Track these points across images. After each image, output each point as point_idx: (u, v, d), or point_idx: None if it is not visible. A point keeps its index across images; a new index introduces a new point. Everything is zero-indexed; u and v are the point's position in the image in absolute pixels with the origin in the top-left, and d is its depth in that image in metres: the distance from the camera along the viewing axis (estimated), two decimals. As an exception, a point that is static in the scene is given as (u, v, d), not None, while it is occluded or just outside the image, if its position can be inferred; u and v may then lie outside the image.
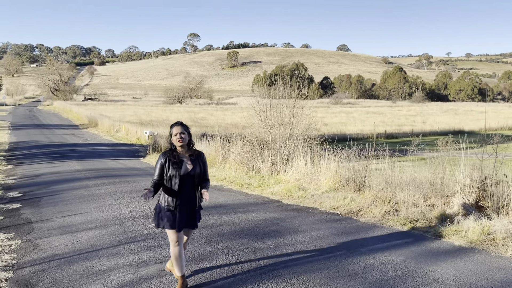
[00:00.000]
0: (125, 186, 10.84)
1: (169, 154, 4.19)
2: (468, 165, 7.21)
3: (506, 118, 55.98)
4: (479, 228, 5.62)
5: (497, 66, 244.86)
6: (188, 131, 4.25)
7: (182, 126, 4.22)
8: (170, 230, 4.16)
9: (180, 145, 4.18)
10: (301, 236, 5.97)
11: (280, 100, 12.60)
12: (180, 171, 4.12)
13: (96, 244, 5.77)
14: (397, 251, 5.24)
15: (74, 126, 37.72)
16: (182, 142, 4.17)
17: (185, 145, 4.23)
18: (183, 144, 4.18)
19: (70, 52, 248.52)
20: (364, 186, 8.71)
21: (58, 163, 15.92)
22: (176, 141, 4.17)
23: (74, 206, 8.38)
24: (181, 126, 4.21)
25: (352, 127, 41.69)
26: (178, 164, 4.14)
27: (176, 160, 4.14)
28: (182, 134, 4.17)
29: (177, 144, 4.18)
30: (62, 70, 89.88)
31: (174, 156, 4.16)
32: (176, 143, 4.18)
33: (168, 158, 4.16)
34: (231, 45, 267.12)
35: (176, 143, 4.18)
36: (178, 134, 4.16)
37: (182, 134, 4.17)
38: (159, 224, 4.19)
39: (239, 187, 10.62)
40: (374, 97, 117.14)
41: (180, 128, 4.19)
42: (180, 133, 4.17)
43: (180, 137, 4.15)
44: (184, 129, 4.21)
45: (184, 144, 4.20)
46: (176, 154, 4.19)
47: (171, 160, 4.14)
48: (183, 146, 4.20)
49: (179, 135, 4.15)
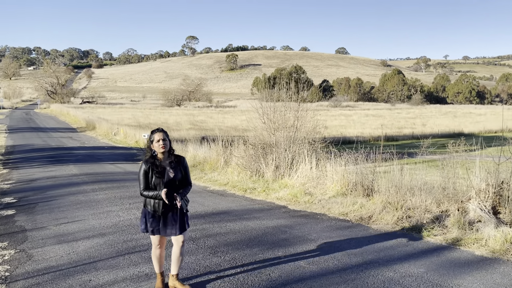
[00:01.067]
0: (124, 191, 10.48)
1: (151, 162, 4.14)
2: (482, 169, 6.88)
3: (506, 120, 55.83)
4: (501, 236, 5.28)
5: (494, 69, 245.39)
6: (168, 138, 4.21)
7: (164, 132, 4.18)
8: (153, 236, 4.23)
9: (162, 152, 4.15)
10: (312, 245, 5.62)
11: (283, 103, 12.28)
12: (163, 179, 4.10)
13: (93, 255, 5.41)
14: (417, 262, 4.90)
15: (72, 129, 37.32)
16: (165, 149, 4.13)
17: (166, 152, 4.19)
18: (165, 150, 4.15)
19: (68, 55, 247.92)
20: (373, 191, 8.38)
21: (54, 167, 15.55)
22: (159, 148, 4.12)
23: (71, 212, 8.03)
24: (163, 133, 4.16)
25: (352, 130, 41.40)
26: (161, 173, 4.11)
27: (158, 169, 4.12)
28: (164, 140, 4.13)
29: (159, 150, 4.14)
30: (59, 73, 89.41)
31: (156, 165, 4.13)
32: (158, 150, 4.14)
33: (150, 166, 4.13)
34: (230, 48, 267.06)
35: (159, 149, 4.13)
36: (161, 141, 4.12)
37: (164, 141, 4.13)
38: (144, 230, 4.22)
39: (243, 192, 10.27)
40: (373, 100, 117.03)
41: (162, 134, 4.14)
42: (162, 139, 4.12)
43: (163, 144, 4.12)
44: (166, 136, 4.18)
45: (165, 151, 4.16)
46: (157, 162, 4.16)
47: (154, 169, 4.11)
48: (164, 152, 4.17)
49: (162, 142, 4.12)
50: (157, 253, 4.30)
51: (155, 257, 4.32)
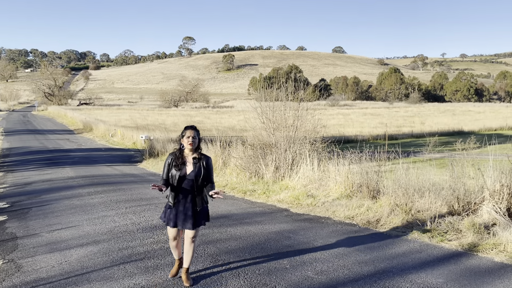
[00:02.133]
0: (121, 194, 10.15)
1: (175, 154, 4.39)
2: (496, 168, 6.57)
3: (505, 118, 55.65)
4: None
5: (491, 67, 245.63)
6: (199, 136, 4.44)
7: (195, 130, 4.42)
8: (166, 225, 4.42)
9: (190, 148, 4.36)
10: (319, 253, 5.29)
11: (282, 102, 11.95)
12: (180, 173, 4.30)
13: (87, 265, 5.07)
14: (434, 271, 4.56)
15: (69, 131, 36.93)
16: (192, 146, 4.35)
17: (193, 149, 4.38)
18: (192, 147, 4.35)
19: (65, 57, 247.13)
20: (379, 193, 8.06)
21: (50, 169, 15.21)
22: (187, 144, 4.35)
23: (65, 218, 7.69)
24: (194, 130, 4.40)
25: (351, 129, 41.10)
26: (179, 166, 4.32)
27: (178, 162, 4.33)
28: (193, 138, 4.35)
29: (187, 146, 4.36)
30: (57, 75, 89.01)
31: (178, 158, 4.35)
32: (187, 145, 4.36)
33: (173, 158, 4.37)
34: (226, 48, 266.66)
35: (187, 145, 4.35)
36: (191, 138, 4.34)
37: (193, 138, 4.35)
38: (161, 218, 4.48)
39: (242, 194, 9.95)
40: (370, 98, 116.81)
41: (193, 132, 4.38)
42: (192, 136, 4.35)
43: (191, 140, 4.34)
44: (196, 134, 4.40)
45: (193, 148, 4.36)
46: (181, 156, 4.37)
47: (175, 161, 4.34)
48: (191, 149, 4.36)
49: (191, 138, 4.34)
50: (173, 244, 4.54)
51: (172, 247, 4.58)
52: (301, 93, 12.30)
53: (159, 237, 6.20)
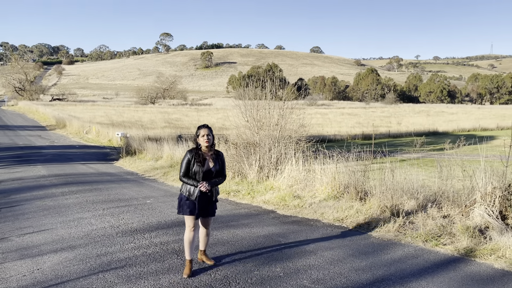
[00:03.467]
0: (97, 194, 9.66)
1: (195, 152, 4.64)
2: (487, 170, 6.44)
3: (477, 119, 57.09)
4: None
5: (463, 69, 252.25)
6: (212, 134, 4.71)
7: (209, 128, 4.69)
8: (189, 216, 4.63)
9: (206, 146, 4.63)
10: (312, 258, 5.01)
11: (267, 101, 11.67)
12: (203, 168, 4.60)
13: (61, 274, 4.65)
14: (434, 279, 4.34)
15: (41, 127, 35.69)
16: (208, 143, 4.63)
17: (210, 145, 4.66)
18: (209, 144, 4.63)
19: (37, 51, 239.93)
20: (367, 194, 7.87)
21: (21, 167, 14.50)
22: (204, 142, 4.62)
23: (37, 220, 7.19)
24: (208, 129, 4.67)
25: (329, 128, 41.26)
26: (202, 162, 4.61)
27: (200, 159, 4.61)
28: (208, 136, 4.63)
29: (203, 144, 4.63)
30: (28, 69, 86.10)
31: (199, 155, 4.63)
32: (203, 143, 4.63)
33: (193, 156, 4.61)
34: (204, 45, 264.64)
35: (203, 143, 4.62)
36: (206, 136, 4.61)
37: (208, 136, 4.63)
38: (180, 212, 4.67)
39: (226, 194, 9.61)
40: (347, 98, 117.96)
41: (207, 130, 4.66)
42: (207, 134, 4.62)
43: (207, 138, 4.61)
44: (210, 132, 4.67)
45: (209, 145, 4.64)
46: (201, 153, 4.65)
47: (196, 158, 4.60)
48: (207, 146, 4.64)
49: (206, 137, 4.62)
50: (191, 237, 4.64)
51: (188, 241, 4.65)
52: (281, 92, 12.07)
53: (140, 241, 5.81)
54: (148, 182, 12.11)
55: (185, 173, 4.61)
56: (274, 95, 11.84)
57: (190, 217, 4.63)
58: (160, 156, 16.37)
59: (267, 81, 11.86)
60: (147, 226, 6.70)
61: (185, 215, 4.64)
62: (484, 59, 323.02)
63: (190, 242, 4.65)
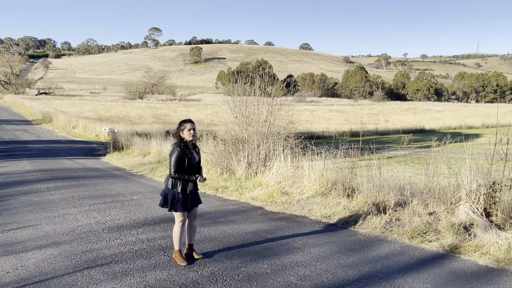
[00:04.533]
0: (83, 190, 9.55)
1: (185, 146, 4.65)
2: (472, 168, 6.52)
3: (463, 117, 57.87)
4: (505, 243, 4.86)
5: (450, 68, 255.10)
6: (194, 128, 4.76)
7: (193, 123, 4.75)
8: (182, 212, 4.67)
9: (191, 140, 4.68)
10: (299, 255, 5.02)
11: (256, 97, 11.64)
12: (194, 162, 4.70)
13: (46, 271, 4.59)
14: (419, 275, 4.38)
15: (26, 122, 35.16)
16: (194, 137, 4.69)
17: (195, 140, 4.76)
18: (194, 139, 4.70)
19: (23, 44, 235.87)
20: (354, 191, 7.91)
21: (6, 162, 14.26)
22: (189, 136, 4.66)
23: (21, 216, 7.08)
24: (192, 123, 4.73)
25: (318, 125, 41.40)
26: (192, 156, 4.67)
27: (188, 152, 4.64)
28: (194, 130, 4.70)
29: (189, 138, 4.67)
30: (14, 62, 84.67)
31: (189, 149, 4.66)
32: (189, 138, 4.67)
33: (184, 151, 4.62)
34: (194, 41, 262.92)
35: (189, 137, 4.67)
36: (192, 130, 4.67)
37: (194, 130, 4.69)
38: (171, 209, 4.66)
39: (214, 191, 9.59)
40: (336, 95, 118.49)
41: (192, 124, 4.72)
42: (193, 129, 4.69)
43: (193, 133, 4.68)
44: (194, 126, 4.72)
45: (195, 139, 4.73)
46: (189, 147, 4.67)
47: (187, 153, 4.62)
48: (192, 140, 4.69)
49: (192, 131, 4.67)
50: (180, 230, 4.71)
51: (178, 234, 4.71)
52: (271, 88, 12.05)
53: (127, 238, 5.76)
54: (135, 178, 12.01)
55: (177, 169, 4.58)
56: (263, 92, 11.84)
57: (183, 213, 4.68)
58: (148, 152, 16.26)
59: (256, 77, 11.85)
60: (134, 222, 6.64)
61: (179, 211, 4.65)
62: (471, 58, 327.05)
63: (180, 235, 4.71)
